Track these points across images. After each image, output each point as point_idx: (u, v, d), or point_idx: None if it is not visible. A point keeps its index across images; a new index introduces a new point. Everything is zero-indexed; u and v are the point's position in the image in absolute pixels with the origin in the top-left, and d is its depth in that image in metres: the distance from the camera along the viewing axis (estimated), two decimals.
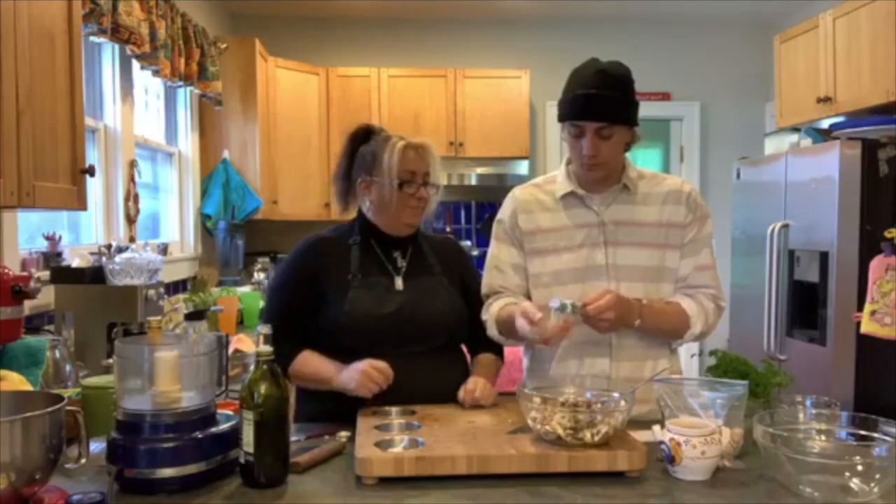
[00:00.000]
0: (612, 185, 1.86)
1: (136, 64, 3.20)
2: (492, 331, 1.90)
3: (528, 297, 1.89)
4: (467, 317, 1.94)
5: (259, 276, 4.37)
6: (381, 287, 1.87)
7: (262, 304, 3.56)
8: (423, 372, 1.80)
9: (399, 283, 1.90)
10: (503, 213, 1.97)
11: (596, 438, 1.40)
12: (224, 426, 1.40)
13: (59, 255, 2.67)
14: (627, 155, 1.89)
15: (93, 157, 3.09)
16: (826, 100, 3.65)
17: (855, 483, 1.26)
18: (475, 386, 1.78)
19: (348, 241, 1.93)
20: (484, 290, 1.96)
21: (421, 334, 1.85)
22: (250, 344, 2.95)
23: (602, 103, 1.75)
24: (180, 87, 3.76)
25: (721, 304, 1.89)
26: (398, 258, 1.94)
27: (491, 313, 1.90)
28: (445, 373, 1.86)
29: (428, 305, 1.88)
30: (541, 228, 1.89)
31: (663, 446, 1.39)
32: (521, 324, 1.68)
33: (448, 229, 5.20)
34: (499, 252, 1.94)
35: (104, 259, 2.59)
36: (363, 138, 1.94)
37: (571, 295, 1.74)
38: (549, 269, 1.88)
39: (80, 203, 2.03)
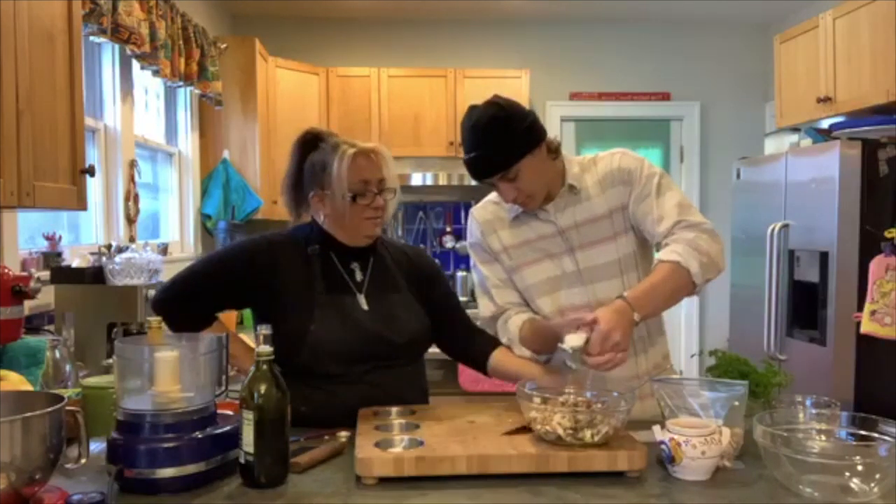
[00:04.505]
0: (559, 189, 1.84)
1: (136, 64, 3.21)
2: (519, 350, 1.85)
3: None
4: (431, 330, 1.87)
5: None
6: (347, 307, 1.78)
7: None
8: (378, 388, 1.75)
9: (363, 301, 1.80)
10: (472, 236, 1.95)
11: (596, 438, 1.40)
12: (224, 426, 1.40)
13: (59, 255, 2.67)
14: (565, 153, 1.87)
15: (93, 157, 3.09)
16: (826, 100, 3.65)
17: (855, 483, 1.26)
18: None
19: (307, 250, 1.82)
20: (490, 311, 1.90)
21: (384, 355, 1.78)
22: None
23: (485, 163, 1.74)
24: (180, 87, 3.76)
25: (704, 226, 1.75)
26: (356, 270, 1.84)
27: (512, 333, 1.84)
28: (404, 388, 1.80)
29: (394, 328, 1.79)
30: (507, 246, 1.88)
31: (663, 446, 1.39)
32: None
33: (448, 229, 5.21)
34: (489, 272, 1.91)
35: (104, 259, 2.59)
36: (311, 145, 1.82)
37: (548, 306, 1.80)
38: (526, 283, 1.87)
39: (80, 203, 2.03)
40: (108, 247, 2.77)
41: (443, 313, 1.92)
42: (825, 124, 3.71)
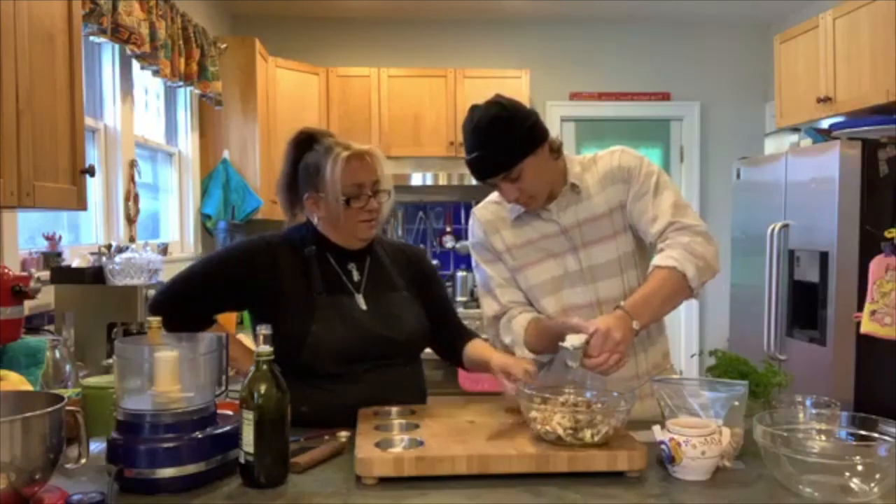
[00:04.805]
0: (560, 189, 1.84)
1: (136, 64, 3.21)
2: (521, 352, 1.83)
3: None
4: (430, 330, 1.89)
5: None
6: (346, 307, 1.79)
7: None
8: (378, 387, 1.76)
9: (361, 301, 1.81)
10: (474, 236, 1.94)
11: (596, 438, 1.40)
12: (224, 426, 1.40)
13: (59, 255, 2.67)
14: (566, 152, 1.87)
15: (93, 157, 3.09)
16: (826, 100, 3.65)
17: (855, 483, 1.26)
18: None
19: (303, 252, 1.82)
20: (494, 310, 1.90)
21: (385, 354, 1.79)
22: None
23: (487, 163, 1.74)
24: (180, 87, 3.76)
25: (698, 229, 1.76)
26: (353, 271, 1.85)
27: (516, 333, 1.84)
28: (402, 388, 1.81)
29: (394, 327, 1.81)
30: (510, 246, 1.88)
31: (663, 446, 1.39)
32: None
33: (448, 229, 5.20)
34: (493, 271, 1.90)
35: (104, 259, 2.59)
36: (306, 145, 1.82)
37: (552, 305, 1.80)
38: (529, 283, 1.87)
39: (80, 203, 2.03)
40: (108, 247, 2.77)
41: (437, 314, 1.93)
42: (825, 124, 3.71)
